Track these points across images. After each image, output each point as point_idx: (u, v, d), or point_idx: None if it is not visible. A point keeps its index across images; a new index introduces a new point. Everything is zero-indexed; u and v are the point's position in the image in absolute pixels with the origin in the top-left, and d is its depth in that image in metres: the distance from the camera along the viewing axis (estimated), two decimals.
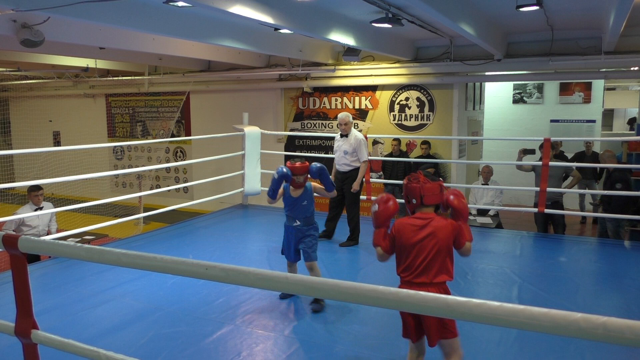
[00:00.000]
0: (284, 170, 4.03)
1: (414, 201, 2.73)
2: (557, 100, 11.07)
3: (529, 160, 6.90)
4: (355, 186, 5.82)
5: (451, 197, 2.79)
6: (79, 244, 2.17)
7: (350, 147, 5.84)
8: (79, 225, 6.25)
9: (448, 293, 2.60)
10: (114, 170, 12.81)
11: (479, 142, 10.78)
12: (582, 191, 6.49)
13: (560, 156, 8.65)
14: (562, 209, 6.84)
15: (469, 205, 7.95)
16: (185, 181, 11.85)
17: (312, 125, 10.19)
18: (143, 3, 5.71)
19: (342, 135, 5.93)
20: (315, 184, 4.28)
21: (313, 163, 4.21)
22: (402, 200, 2.90)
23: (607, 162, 6.61)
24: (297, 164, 4.08)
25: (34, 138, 13.11)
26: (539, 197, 6.27)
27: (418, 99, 9.37)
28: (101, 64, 10.33)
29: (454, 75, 8.87)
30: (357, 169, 5.86)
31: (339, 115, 5.94)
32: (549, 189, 6.27)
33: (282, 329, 3.71)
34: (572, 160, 9.00)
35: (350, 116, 5.96)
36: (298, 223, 4.17)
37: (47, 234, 6.28)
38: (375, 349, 3.44)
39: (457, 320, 2.75)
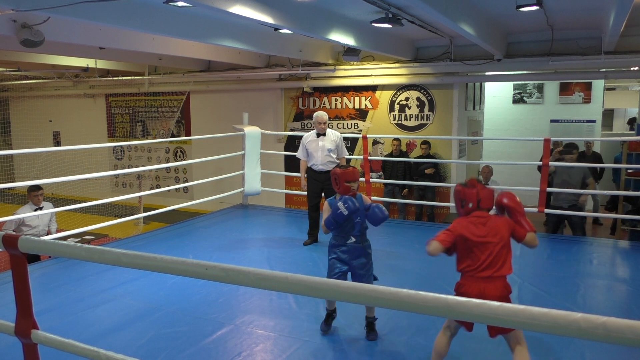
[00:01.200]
0: (356, 204, 3.42)
1: (470, 205, 2.93)
2: (557, 100, 11.07)
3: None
4: None
5: (504, 199, 3.00)
6: (79, 244, 2.17)
7: (333, 145, 5.84)
8: (79, 225, 6.25)
9: (508, 285, 2.85)
10: (114, 170, 12.81)
11: (479, 142, 10.78)
12: (580, 191, 6.45)
13: (595, 156, 8.69)
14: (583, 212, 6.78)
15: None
16: (185, 181, 11.85)
17: (312, 125, 10.18)
18: (143, 3, 5.71)
19: (318, 135, 5.87)
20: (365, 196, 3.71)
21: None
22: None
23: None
24: (350, 169, 3.58)
25: (34, 138, 13.11)
26: (538, 197, 6.26)
27: (418, 99, 9.37)
28: (101, 64, 10.33)
29: (454, 75, 8.87)
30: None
31: (320, 114, 5.88)
32: (567, 190, 6.29)
33: (282, 329, 3.71)
34: (557, 160, 8.99)
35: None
36: (353, 240, 3.52)
37: (47, 234, 6.28)
38: (376, 349, 3.43)
39: (457, 319, 2.77)
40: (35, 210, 6.09)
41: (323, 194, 5.95)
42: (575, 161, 6.55)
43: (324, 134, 5.86)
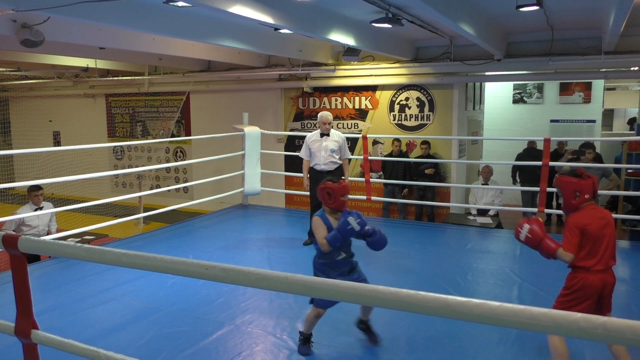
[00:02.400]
0: (364, 220, 3.31)
1: (587, 196, 2.89)
2: (557, 100, 11.07)
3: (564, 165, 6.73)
4: (348, 182, 5.89)
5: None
6: (79, 244, 2.17)
7: (336, 145, 5.85)
8: (79, 225, 6.25)
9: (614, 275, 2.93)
10: (114, 170, 12.81)
11: (479, 142, 10.78)
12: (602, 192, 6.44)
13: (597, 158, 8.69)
14: None
15: (468, 205, 7.99)
16: (185, 181, 11.85)
17: (312, 125, 10.19)
18: (143, 3, 5.71)
19: (322, 135, 5.87)
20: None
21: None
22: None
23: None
24: (343, 182, 3.47)
25: (34, 138, 13.11)
26: (539, 197, 6.26)
27: (418, 99, 9.37)
28: (101, 64, 10.32)
29: (454, 75, 8.87)
30: (341, 166, 5.93)
31: (325, 115, 5.87)
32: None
33: (282, 329, 3.71)
34: (570, 161, 9.00)
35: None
36: (343, 255, 3.38)
37: (47, 234, 6.28)
38: (375, 349, 3.44)
39: (457, 319, 2.79)
40: (35, 210, 6.09)
41: None
42: (590, 161, 6.42)
43: (328, 134, 5.87)
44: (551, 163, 6.68)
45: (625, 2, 4.53)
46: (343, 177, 3.55)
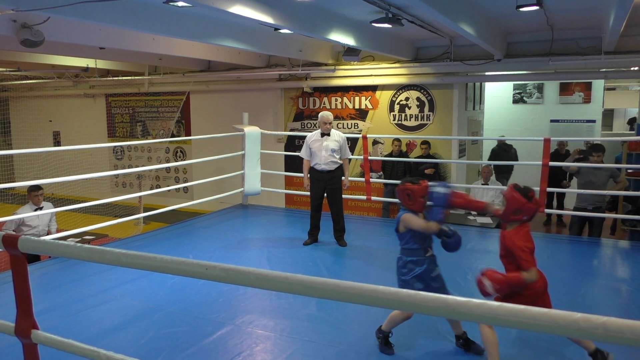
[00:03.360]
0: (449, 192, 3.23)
1: (525, 218, 3.09)
2: (557, 100, 11.07)
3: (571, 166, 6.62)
4: (347, 181, 5.98)
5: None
6: (79, 244, 2.17)
7: (337, 145, 5.87)
8: (79, 225, 6.25)
9: None
10: (114, 170, 12.81)
11: (479, 142, 10.78)
12: (580, 191, 6.43)
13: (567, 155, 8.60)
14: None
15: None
16: (185, 181, 11.85)
17: (312, 125, 10.19)
18: (143, 3, 5.71)
19: (322, 134, 5.88)
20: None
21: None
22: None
23: None
24: (423, 183, 3.32)
25: (34, 138, 13.12)
26: (539, 197, 6.25)
27: (418, 99, 9.37)
28: (101, 64, 10.33)
29: (454, 75, 8.87)
30: (341, 166, 5.95)
31: (326, 114, 5.89)
32: (590, 192, 6.24)
33: (282, 329, 3.71)
34: (577, 162, 8.99)
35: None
36: (430, 252, 3.40)
37: (47, 234, 6.28)
38: (375, 349, 3.44)
39: (457, 319, 2.80)
40: (35, 210, 6.09)
41: (325, 194, 5.97)
42: (599, 163, 6.35)
43: (328, 134, 5.87)
44: (557, 163, 6.68)
45: (625, 2, 4.53)
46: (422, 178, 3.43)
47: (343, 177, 6.03)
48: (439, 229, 3.28)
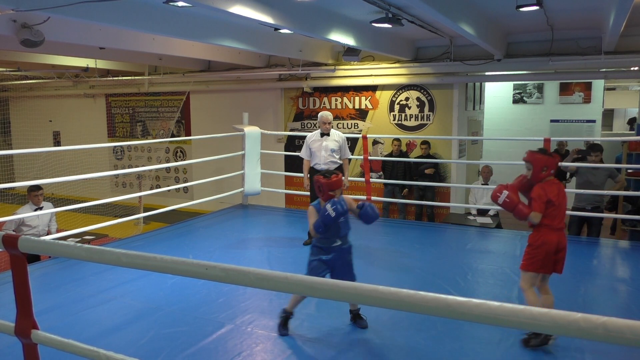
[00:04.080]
0: (344, 207, 3.50)
1: (552, 172, 3.53)
2: (557, 100, 11.07)
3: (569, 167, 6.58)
4: (347, 181, 5.97)
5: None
6: (79, 244, 2.17)
7: (336, 145, 5.88)
8: (79, 225, 6.25)
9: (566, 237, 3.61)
10: (114, 170, 12.81)
11: (479, 142, 10.78)
12: (579, 191, 6.42)
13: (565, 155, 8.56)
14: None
15: (468, 205, 7.99)
16: (185, 181, 11.85)
17: (312, 125, 10.19)
18: (143, 3, 5.71)
19: (322, 134, 5.88)
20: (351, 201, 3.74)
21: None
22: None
23: None
24: (334, 178, 3.61)
25: (34, 138, 13.11)
26: None
27: (418, 99, 9.37)
28: (101, 64, 10.32)
29: (454, 75, 8.87)
30: (341, 166, 5.96)
31: (325, 114, 5.89)
32: (589, 192, 6.22)
33: None
34: (575, 161, 9.00)
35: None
36: (339, 242, 3.64)
37: (47, 234, 6.28)
38: (376, 349, 3.44)
39: (457, 319, 2.81)
40: (35, 210, 6.09)
41: None
42: (598, 163, 6.34)
43: (328, 134, 5.88)
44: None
45: (625, 2, 4.53)
46: (336, 173, 3.74)
47: (342, 177, 6.02)
48: (316, 235, 3.60)
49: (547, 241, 3.46)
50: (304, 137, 6.35)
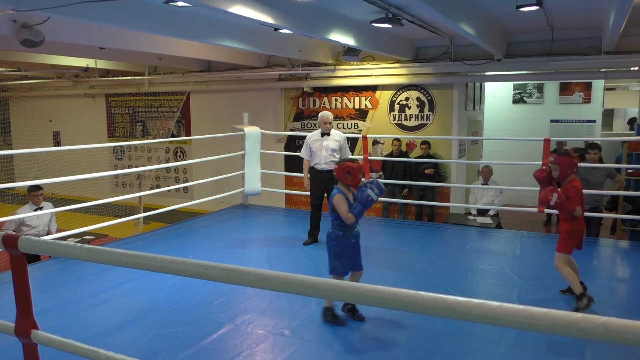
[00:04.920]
0: (383, 188, 3.74)
1: (576, 170, 4.15)
2: (557, 100, 11.07)
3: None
4: None
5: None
6: (79, 244, 2.17)
7: (337, 145, 5.88)
8: (79, 225, 6.25)
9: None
10: (114, 170, 12.81)
11: (479, 142, 10.78)
12: (602, 192, 6.40)
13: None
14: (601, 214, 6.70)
15: (468, 205, 7.99)
16: (185, 181, 11.85)
17: (312, 125, 10.19)
18: (143, 3, 5.71)
19: (323, 134, 5.89)
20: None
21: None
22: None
23: None
24: (359, 162, 3.85)
25: (34, 138, 13.11)
26: (539, 197, 6.23)
27: (418, 99, 9.37)
28: (101, 64, 10.33)
29: (454, 75, 8.87)
30: None
31: (326, 114, 5.89)
32: (589, 192, 6.21)
33: (282, 329, 3.71)
34: None
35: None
36: (357, 228, 3.86)
37: (47, 234, 6.28)
38: (376, 349, 3.44)
39: (457, 319, 2.83)
40: (35, 210, 6.09)
41: (325, 194, 5.97)
42: (596, 162, 6.34)
43: (329, 134, 5.88)
44: None
45: (625, 2, 4.53)
46: (351, 159, 3.99)
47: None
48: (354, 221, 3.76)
49: (580, 228, 4.18)
50: (304, 137, 6.36)
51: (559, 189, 4.07)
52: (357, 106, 9.87)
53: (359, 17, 6.63)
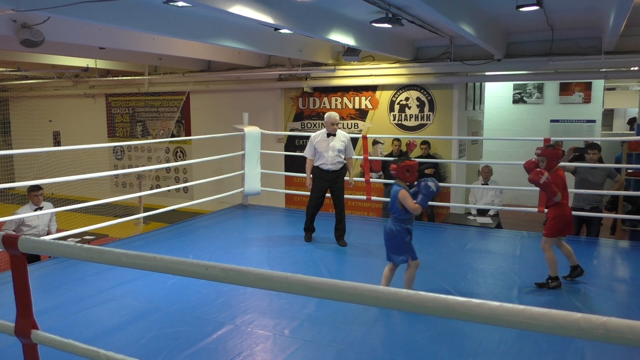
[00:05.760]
0: (438, 183, 4.12)
1: (559, 163, 4.62)
2: (557, 100, 11.07)
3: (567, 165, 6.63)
4: (352, 180, 6.08)
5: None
6: (79, 244, 2.17)
7: (343, 145, 5.94)
8: (79, 225, 6.25)
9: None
10: (114, 170, 12.81)
11: (479, 142, 10.77)
12: (577, 191, 6.41)
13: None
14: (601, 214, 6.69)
15: (468, 205, 7.99)
16: (185, 181, 11.85)
17: (312, 125, 10.19)
18: (143, 3, 5.71)
19: (329, 135, 5.92)
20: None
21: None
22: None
23: None
24: (414, 161, 4.22)
25: (34, 138, 13.11)
26: (539, 197, 6.24)
27: (418, 99, 9.37)
28: (101, 64, 10.32)
29: (454, 75, 8.87)
30: (345, 166, 6.03)
31: (333, 115, 5.93)
32: (589, 192, 6.21)
33: (282, 329, 3.71)
34: (572, 160, 8.99)
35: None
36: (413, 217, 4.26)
37: (47, 234, 6.28)
38: (375, 349, 3.44)
39: (457, 319, 2.84)
40: (35, 210, 6.09)
41: (330, 194, 6.01)
42: (595, 162, 6.33)
43: (334, 135, 5.91)
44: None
45: (625, 2, 4.54)
46: (405, 157, 4.51)
47: (346, 177, 6.07)
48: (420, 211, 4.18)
49: (565, 214, 4.54)
50: (304, 137, 6.37)
51: (547, 173, 4.45)
52: (357, 106, 9.87)
53: (359, 17, 6.63)
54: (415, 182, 4.18)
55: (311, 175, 6.03)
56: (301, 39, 8.13)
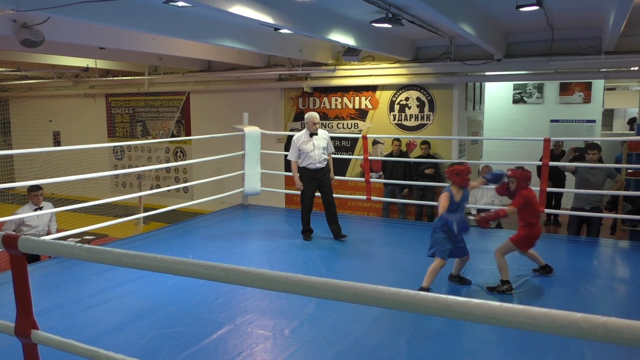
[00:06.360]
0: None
1: (529, 184, 4.65)
2: (557, 100, 11.06)
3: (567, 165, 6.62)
4: (333, 175, 6.27)
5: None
6: (79, 244, 2.17)
7: (325, 142, 6.09)
8: (79, 225, 6.25)
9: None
10: (114, 170, 12.81)
11: (479, 142, 10.77)
12: (577, 191, 6.41)
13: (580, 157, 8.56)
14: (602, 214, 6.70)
15: (468, 205, 7.98)
16: (185, 181, 11.85)
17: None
18: (143, 3, 5.71)
19: (311, 134, 6.03)
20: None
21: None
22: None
23: None
24: (466, 164, 4.47)
25: (34, 138, 13.11)
26: (538, 197, 6.24)
27: (418, 99, 9.37)
28: (101, 64, 10.33)
29: (454, 75, 8.87)
30: (328, 162, 6.17)
31: (314, 115, 6.09)
32: (589, 192, 6.21)
33: (282, 329, 3.71)
34: (572, 160, 8.98)
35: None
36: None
37: (47, 234, 6.28)
38: (376, 349, 3.44)
39: (457, 319, 2.83)
40: (35, 210, 6.09)
41: (319, 192, 6.07)
42: (595, 162, 6.33)
43: (316, 133, 6.02)
44: (554, 163, 6.67)
45: (625, 2, 4.54)
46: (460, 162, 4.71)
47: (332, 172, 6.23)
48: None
49: (538, 233, 4.68)
50: None
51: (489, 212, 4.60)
52: (357, 106, 9.86)
53: (359, 17, 6.63)
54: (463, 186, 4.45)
55: (299, 176, 6.10)
56: (301, 39, 8.13)
